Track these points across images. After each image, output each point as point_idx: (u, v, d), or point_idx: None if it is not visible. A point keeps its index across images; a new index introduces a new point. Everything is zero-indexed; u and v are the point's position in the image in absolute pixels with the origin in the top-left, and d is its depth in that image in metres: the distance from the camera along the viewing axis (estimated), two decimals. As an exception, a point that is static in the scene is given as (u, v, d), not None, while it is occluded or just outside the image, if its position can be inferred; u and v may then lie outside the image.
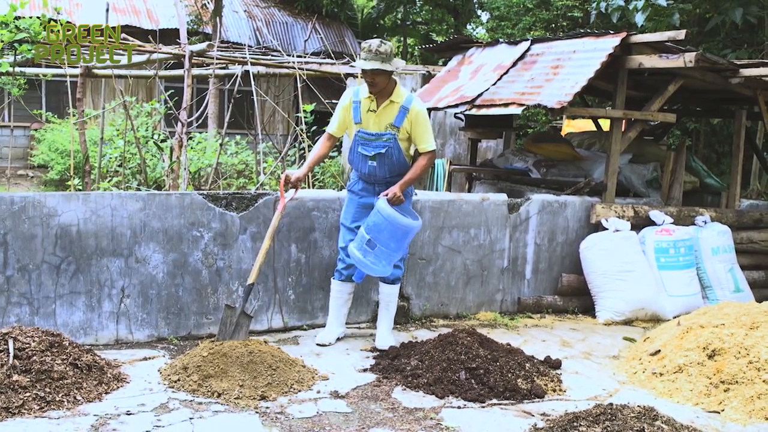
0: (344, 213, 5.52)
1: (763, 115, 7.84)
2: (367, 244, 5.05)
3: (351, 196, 5.49)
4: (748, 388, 4.58)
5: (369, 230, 5.06)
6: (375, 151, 5.26)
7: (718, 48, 11.05)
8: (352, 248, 5.16)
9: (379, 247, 5.04)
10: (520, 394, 4.55)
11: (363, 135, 5.29)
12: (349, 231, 5.41)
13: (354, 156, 5.38)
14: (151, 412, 4.03)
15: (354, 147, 5.35)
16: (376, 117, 5.25)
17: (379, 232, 5.03)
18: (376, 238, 5.04)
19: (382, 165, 5.29)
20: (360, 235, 5.13)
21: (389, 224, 5.02)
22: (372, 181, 5.39)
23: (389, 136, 5.23)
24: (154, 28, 17.58)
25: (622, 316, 6.61)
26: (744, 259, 7.59)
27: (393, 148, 5.24)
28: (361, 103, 5.29)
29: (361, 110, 5.30)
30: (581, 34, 7.38)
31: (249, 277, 5.07)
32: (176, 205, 5.28)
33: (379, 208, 5.05)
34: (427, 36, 25.24)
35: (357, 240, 5.15)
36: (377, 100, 5.25)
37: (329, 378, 4.72)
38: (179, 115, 7.37)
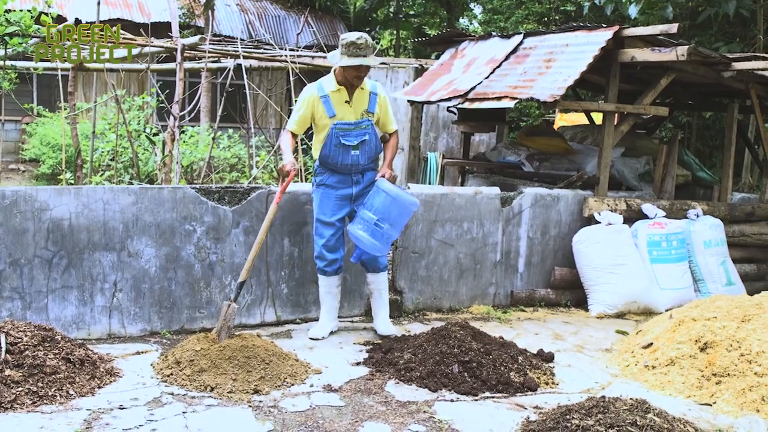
0: (320, 209, 5.45)
1: (755, 109, 7.86)
2: (376, 225, 5.16)
3: (326, 190, 5.44)
4: (740, 381, 4.60)
5: (376, 212, 5.17)
6: (358, 139, 5.33)
7: (711, 42, 11.06)
8: (357, 231, 5.21)
9: (388, 227, 5.18)
10: (513, 387, 4.56)
11: (342, 126, 5.31)
12: (329, 226, 5.40)
13: (332, 149, 5.33)
14: (144, 406, 4.02)
15: (332, 140, 5.31)
16: (352, 107, 5.33)
17: (388, 212, 5.18)
18: (385, 218, 5.17)
19: (364, 152, 5.38)
20: (364, 218, 5.20)
21: (397, 202, 5.20)
22: (350, 171, 5.40)
23: (367, 122, 5.38)
24: (145, 22, 17.47)
25: (615, 309, 6.63)
26: (736, 252, 7.62)
27: (371, 134, 5.41)
28: (330, 96, 5.31)
29: (332, 103, 5.31)
30: (574, 28, 7.37)
31: (241, 274, 5.07)
32: (168, 199, 5.27)
33: (386, 189, 5.20)
34: (420, 29, 25.19)
35: (361, 223, 5.21)
36: (349, 91, 5.32)
37: (322, 372, 4.72)
38: (171, 108, 7.34)
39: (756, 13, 10.27)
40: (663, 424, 3.69)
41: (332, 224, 5.41)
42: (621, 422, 3.64)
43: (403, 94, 8.61)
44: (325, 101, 5.31)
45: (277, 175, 8.14)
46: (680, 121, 13.06)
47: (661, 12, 10.14)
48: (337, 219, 5.41)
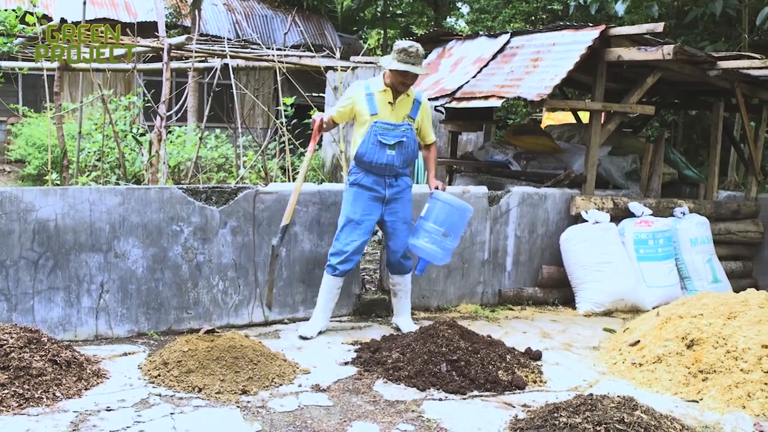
0: (351, 207, 5.49)
1: (741, 107, 7.90)
2: (442, 237, 5.39)
3: (360, 190, 5.50)
4: (726, 377, 4.63)
5: (441, 223, 5.40)
6: (395, 139, 5.43)
7: (696, 41, 11.13)
8: (423, 243, 5.42)
9: (453, 236, 5.43)
10: (501, 386, 4.57)
11: (382, 125, 5.43)
12: (356, 226, 5.46)
13: (369, 147, 5.43)
14: (132, 407, 4.01)
15: (370, 137, 5.43)
16: (395, 109, 5.46)
17: (451, 221, 5.43)
18: (451, 229, 5.42)
19: (399, 154, 5.46)
20: (427, 230, 5.42)
21: (457, 210, 5.45)
22: (385, 172, 5.48)
23: (407, 126, 5.48)
24: (132, 21, 17.42)
25: (602, 307, 6.65)
26: (722, 249, 7.66)
27: (410, 138, 5.50)
28: (375, 95, 5.46)
29: (376, 102, 5.45)
30: (561, 27, 7.39)
31: (284, 218, 5.35)
32: (155, 200, 5.25)
33: (448, 200, 5.46)
34: (407, 29, 25.21)
35: (427, 236, 5.42)
36: (394, 94, 5.46)
37: (310, 372, 4.72)
38: (158, 108, 7.31)
39: (741, 12, 10.33)
40: (650, 421, 3.71)
41: (360, 224, 5.47)
42: (608, 420, 3.66)
43: (390, 94, 8.60)
44: (369, 99, 5.47)
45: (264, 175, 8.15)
46: (666, 120, 13.13)
47: (647, 11, 10.18)
48: (367, 219, 5.49)
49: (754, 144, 8.22)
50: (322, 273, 5.84)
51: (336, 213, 5.89)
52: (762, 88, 7.99)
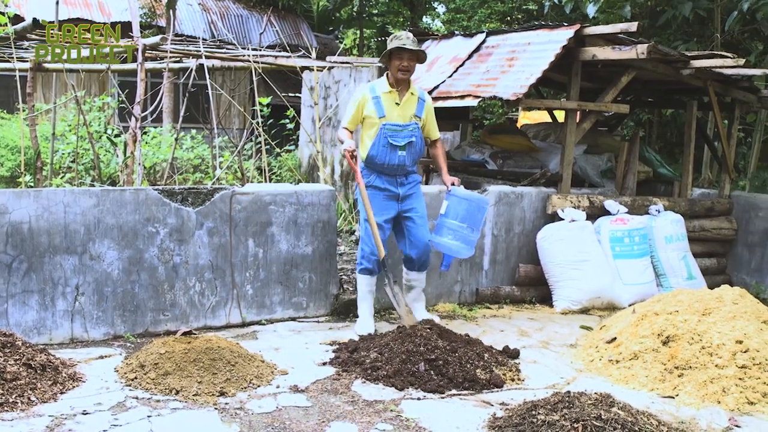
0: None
1: (714, 106, 7.98)
2: (466, 231, 5.52)
3: (373, 191, 5.61)
4: (701, 373, 4.68)
5: (462, 219, 5.54)
6: (405, 140, 5.53)
7: (670, 40, 11.21)
8: (447, 240, 5.57)
9: (475, 231, 5.57)
10: (480, 384, 4.58)
11: (391, 127, 5.51)
12: (377, 226, 5.52)
13: (380, 149, 5.52)
14: (108, 411, 3.97)
15: (380, 140, 5.51)
16: (401, 109, 5.55)
17: (471, 216, 5.56)
18: (473, 223, 5.56)
19: (409, 154, 5.58)
20: (450, 227, 5.56)
21: (476, 205, 5.61)
22: (396, 172, 5.59)
23: (414, 126, 5.58)
24: (106, 21, 17.28)
25: (579, 305, 6.69)
26: (696, 246, 7.74)
27: (418, 137, 5.62)
28: (382, 98, 5.54)
29: (383, 104, 5.52)
30: (536, 26, 7.43)
31: (378, 253, 5.48)
32: (131, 201, 5.21)
33: (467, 196, 5.62)
34: (384, 28, 25.18)
35: (450, 233, 5.55)
36: (400, 94, 5.55)
37: (288, 372, 4.71)
38: (133, 109, 7.25)
39: (713, 12, 10.43)
40: (627, 417, 3.73)
41: (380, 225, 5.55)
42: (586, 416, 3.68)
43: (366, 94, 8.59)
44: (376, 102, 5.53)
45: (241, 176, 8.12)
46: (641, 119, 13.22)
47: (620, 11, 10.26)
48: (384, 219, 5.58)
49: (727, 142, 8.30)
50: (299, 274, 5.85)
51: (313, 213, 5.89)
52: (734, 86, 8.08)
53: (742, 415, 4.40)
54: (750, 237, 8.16)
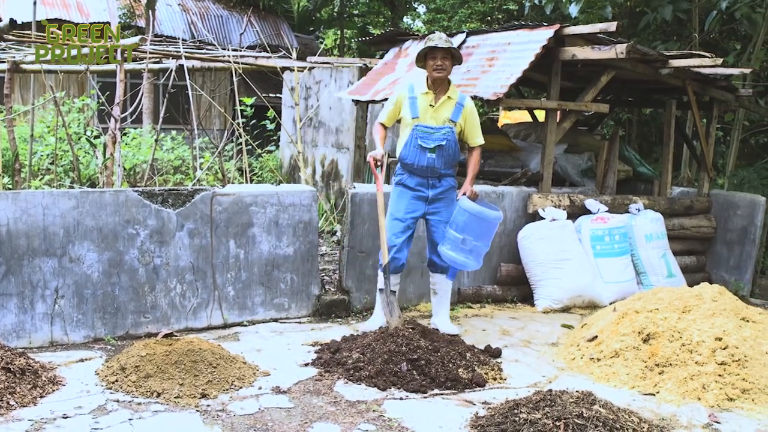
0: (395, 206, 5.62)
1: (692, 105, 8.05)
2: (462, 244, 5.35)
3: (403, 189, 5.61)
4: (682, 370, 4.71)
5: (461, 230, 5.37)
6: (435, 143, 5.46)
7: (649, 40, 11.28)
8: (446, 251, 5.42)
9: (474, 244, 5.36)
10: (462, 384, 4.59)
11: (422, 128, 5.48)
12: (399, 223, 5.56)
13: (411, 150, 5.51)
14: (89, 414, 3.94)
15: (412, 140, 5.50)
16: (434, 112, 5.50)
17: (472, 229, 5.36)
18: (470, 235, 5.36)
19: (440, 157, 5.49)
20: (452, 236, 5.40)
21: (479, 220, 5.36)
22: (427, 174, 5.54)
23: (447, 129, 5.49)
24: (84, 22, 17.16)
25: (560, 303, 6.72)
26: (676, 245, 7.80)
27: (451, 141, 5.50)
28: (418, 98, 5.51)
29: (418, 105, 5.50)
30: (516, 26, 7.45)
31: (382, 258, 5.40)
32: (111, 203, 5.18)
33: (467, 208, 5.39)
34: (364, 29, 25.18)
35: (449, 242, 5.42)
36: (436, 96, 5.50)
37: (271, 374, 4.69)
38: (112, 110, 7.20)
39: (691, 12, 10.51)
40: (608, 415, 3.76)
41: (403, 221, 5.54)
42: (568, 415, 3.70)
43: (347, 94, 8.60)
44: (411, 102, 5.52)
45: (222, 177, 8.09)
46: (621, 118, 13.30)
47: (601, 11, 10.31)
48: (410, 216, 5.57)
49: (706, 141, 8.37)
50: (281, 275, 5.84)
51: (294, 214, 5.88)
52: (712, 86, 8.15)
53: (722, 411, 4.44)
54: (728, 235, 8.23)
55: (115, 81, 7.49)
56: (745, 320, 5.13)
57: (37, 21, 9.11)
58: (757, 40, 10.05)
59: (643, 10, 10.81)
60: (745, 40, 11.08)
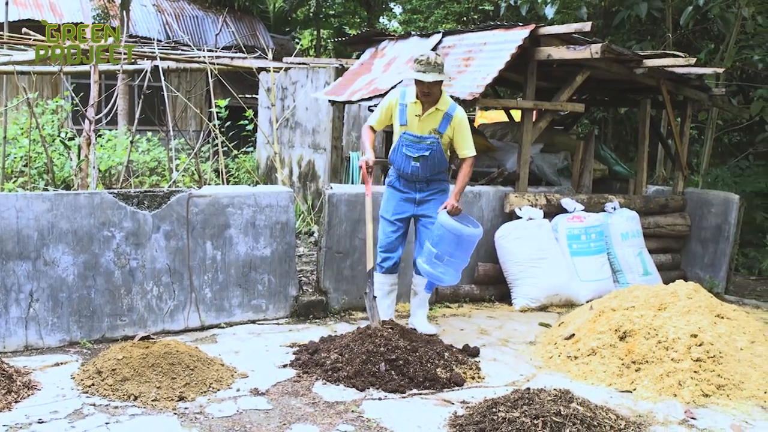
0: (385, 206, 5.71)
1: (666, 104, 8.11)
2: (436, 258, 5.28)
3: (392, 191, 5.68)
4: (658, 367, 4.75)
5: (435, 244, 5.29)
6: (419, 153, 5.48)
7: (624, 40, 11.38)
8: (420, 263, 5.40)
9: (447, 259, 5.27)
10: (440, 383, 4.60)
11: (408, 137, 5.49)
12: (389, 224, 5.62)
13: (397, 156, 5.56)
14: (65, 419, 3.91)
15: (398, 147, 5.54)
16: (421, 122, 5.48)
17: (446, 244, 5.26)
18: (444, 250, 5.27)
19: (425, 166, 5.51)
20: (427, 250, 5.35)
21: (454, 236, 5.26)
22: (413, 179, 5.58)
23: (432, 140, 5.48)
24: (57, 22, 16.99)
25: (538, 302, 6.75)
26: (651, 243, 7.86)
27: (436, 151, 5.50)
28: (407, 106, 5.51)
29: (407, 113, 5.50)
30: (491, 27, 7.47)
31: (367, 263, 5.37)
32: (85, 205, 5.13)
33: (443, 222, 5.28)
34: (340, 29, 25.16)
35: (425, 255, 5.37)
36: (424, 106, 5.46)
37: (249, 375, 4.67)
38: (86, 112, 7.14)
39: (665, 12, 10.60)
40: (586, 412, 3.78)
41: (392, 222, 5.60)
42: (546, 413, 3.72)
43: (323, 95, 8.59)
44: (401, 109, 5.53)
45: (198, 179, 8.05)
46: (596, 117, 13.39)
47: (576, 12, 10.38)
48: (397, 218, 5.62)
49: (680, 140, 8.44)
50: (258, 276, 5.82)
51: (271, 215, 5.87)
52: (686, 85, 8.22)
53: (698, 407, 4.48)
54: (703, 233, 8.31)
55: (89, 82, 7.43)
56: (719, 317, 5.18)
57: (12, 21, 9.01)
58: (730, 40, 10.15)
59: (618, 9, 10.89)
60: (717, 40, 11.19)
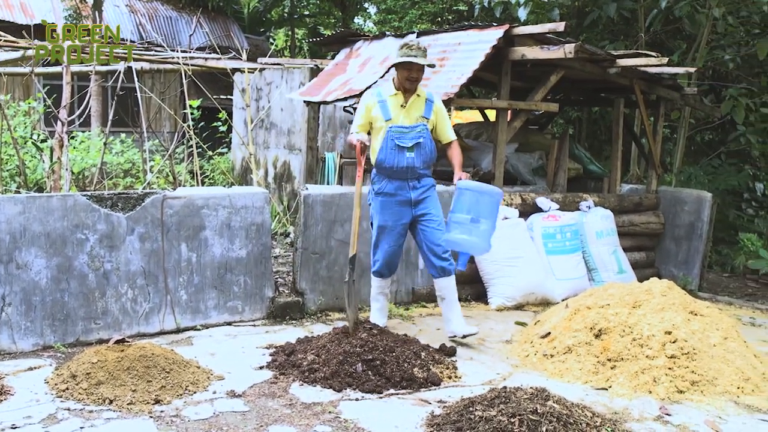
0: (381, 216, 5.54)
1: (639, 104, 8.18)
2: (472, 223, 5.22)
3: (385, 198, 5.53)
4: (633, 364, 4.79)
5: (468, 211, 5.23)
6: (412, 141, 5.43)
7: (597, 40, 11.46)
8: (456, 236, 5.27)
9: (483, 222, 5.23)
10: (417, 383, 4.60)
11: (397, 129, 5.44)
12: (392, 232, 5.52)
13: (388, 152, 5.44)
14: (39, 424, 3.86)
15: (388, 143, 5.43)
16: (407, 111, 5.45)
17: (478, 207, 5.24)
18: (480, 214, 5.23)
19: (419, 155, 5.46)
20: (458, 221, 5.27)
21: (483, 195, 5.28)
22: (406, 176, 5.48)
23: (422, 127, 5.47)
24: (29, 23, 16.79)
25: (514, 301, 6.78)
26: (626, 241, 7.92)
27: (426, 138, 5.49)
28: (388, 100, 5.47)
29: (389, 107, 5.45)
30: (466, 27, 7.50)
31: (350, 250, 5.34)
32: (58, 208, 5.08)
33: (469, 187, 5.32)
34: (315, 29, 25.13)
35: (457, 227, 5.27)
36: (405, 96, 5.45)
37: (225, 378, 4.65)
38: (59, 113, 7.07)
39: (637, 12, 10.70)
40: (562, 410, 3.80)
41: (394, 229, 5.51)
42: (522, 411, 3.73)
43: (298, 95, 8.58)
44: (381, 105, 5.46)
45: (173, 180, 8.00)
46: (570, 117, 13.48)
47: (549, 14, 10.45)
48: (399, 224, 5.52)
49: (653, 138, 8.52)
50: (234, 277, 5.80)
51: (246, 216, 5.84)
52: (659, 84, 8.30)
53: (672, 403, 4.53)
54: (676, 230, 8.39)
55: (61, 83, 7.35)
56: (693, 314, 5.24)
57: None
58: (701, 40, 10.26)
59: (591, 9, 10.97)
60: (689, 40, 11.30)
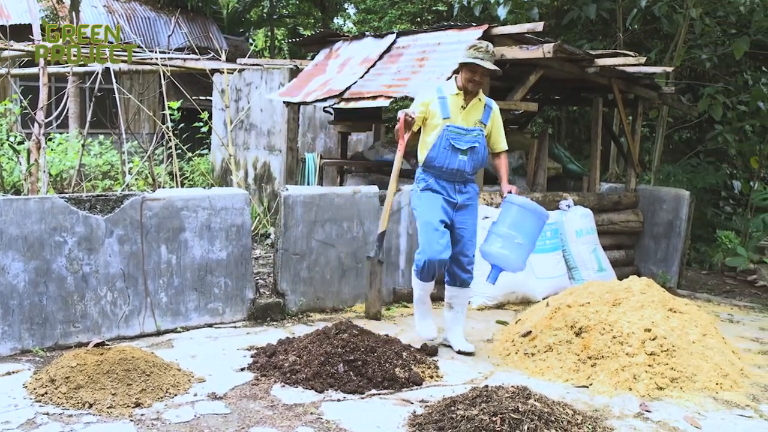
0: (429, 210, 5.32)
1: (618, 103, 8.23)
2: (513, 239, 5.16)
3: (433, 194, 5.36)
4: (613, 362, 4.82)
5: (511, 226, 5.19)
6: (468, 144, 5.29)
7: (576, 40, 11.51)
8: (496, 249, 5.22)
9: (525, 242, 5.18)
10: (399, 383, 4.60)
11: (454, 129, 5.29)
12: (441, 225, 5.28)
13: (441, 151, 5.29)
14: (17, 429, 3.83)
15: (442, 142, 5.28)
16: (466, 113, 5.33)
17: (523, 225, 5.20)
18: (524, 232, 5.18)
19: (471, 159, 5.33)
20: (500, 234, 5.22)
21: (531, 215, 5.24)
22: (455, 178, 5.35)
23: (478, 131, 5.35)
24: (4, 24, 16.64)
25: (495, 300, 6.80)
26: (605, 239, 7.97)
27: (481, 144, 5.36)
28: (448, 99, 5.34)
29: (449, 105, 5.32)
30: (445, 27, 7.52)
31: (380, 226, 5.37)
32: (36, 210, 5.03)
33: (519, 202, 5.27)
34: (295, 30, 25.09)
35: (499, 241, 5.21)
36: (466, 98, 5.34)
37: (206, 380, 4.63)
38: (36, 115, 7.01)
39: (615, 12, 10.76)
40: (543, 408, 3.82)
41: (441, 223, 5.30)
42: (504, 410, 3.74)
43: (278, 96, 8.55)
44: (441, 102, 5.33)
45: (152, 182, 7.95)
46: (550, 116, 13.54)
47: (528, 13, 10.49)
48: (445, 219, 5.33)
49: (632, 137, 8.58)
50: (214, 279, 5.76)
51: (226, 218, 5.81)
52: (636, 84, 8.35)
53: (652, 400, 4.56)
54: (655, 228, 8.45)
55: (38, 85, 7.30)
56: (672, 311, 5.27)
57: None
58: (679, 39, 10.34)
59: (570, 8, 11.02)
60: (667, 39, 11.39)
